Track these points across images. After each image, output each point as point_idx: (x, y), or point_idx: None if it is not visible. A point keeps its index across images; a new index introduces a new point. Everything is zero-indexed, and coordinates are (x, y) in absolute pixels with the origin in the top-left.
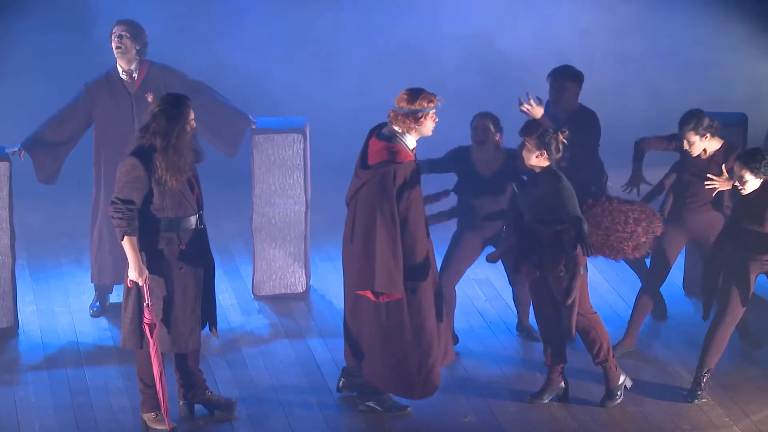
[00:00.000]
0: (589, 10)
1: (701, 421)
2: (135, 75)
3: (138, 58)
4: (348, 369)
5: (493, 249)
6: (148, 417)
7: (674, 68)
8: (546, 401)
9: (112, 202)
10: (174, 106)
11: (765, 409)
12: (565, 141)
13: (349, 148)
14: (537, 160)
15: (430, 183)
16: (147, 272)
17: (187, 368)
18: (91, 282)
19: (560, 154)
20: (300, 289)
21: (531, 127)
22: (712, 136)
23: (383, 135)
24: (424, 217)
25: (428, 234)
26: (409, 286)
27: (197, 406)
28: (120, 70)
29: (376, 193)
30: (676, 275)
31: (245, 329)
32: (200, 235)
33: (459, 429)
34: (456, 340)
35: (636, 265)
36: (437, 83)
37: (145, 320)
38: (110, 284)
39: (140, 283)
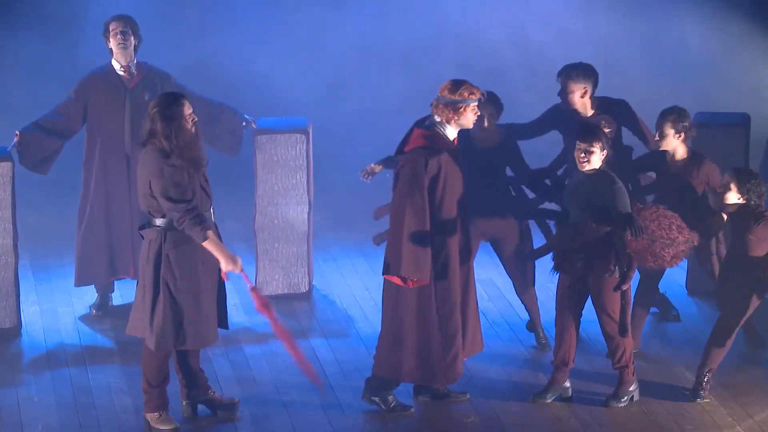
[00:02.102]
0: (584, 8)
1: (704, 421)
2: (134, 71)
3: (135, 53)
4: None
5: (489, 244)
6: (151, 417)
7: (673, 68)
8: (549, 401)
9: (175, 209)
10: (168, 106)
11: None
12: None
13: (351, 148)
14: (601, 161)
15: None
16: (239, 259)
17: (188, 367)
18: (75, 286)
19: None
20: (303, 289)
21: (594, 131)
22: (685, 138)
23: (424, 125)
24: (460, 206)
25: (463, 221)
26: (439, 272)
27: (200, 407)
28: (117, 66)
29: (407, 178)
30: (679, 275)
31: (248, 329)
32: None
33: (462, 429)
34: None
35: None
36: (437, 82)
37: (260, 303)
38: (96, 283)
39: (237, 271)
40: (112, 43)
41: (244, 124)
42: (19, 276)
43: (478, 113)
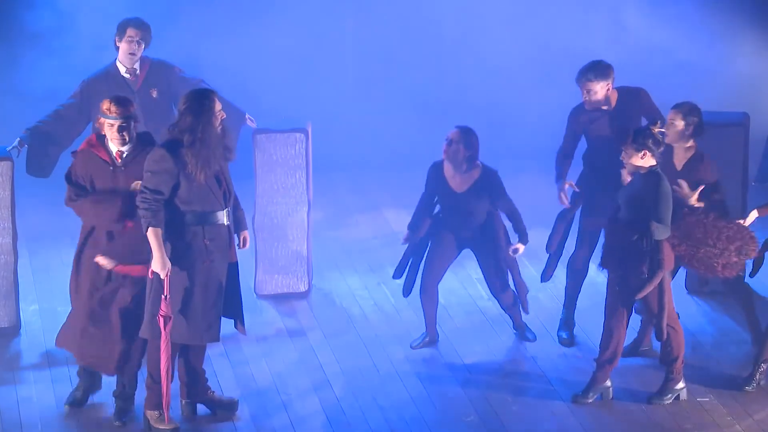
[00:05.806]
0: (582, 7)
1: (704, 420)
2: (138, 72)
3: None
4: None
5: (471, 250)
6: (151, 415)
7: (672, 67)
8: (590, 400)
9: (141, 192)
10: (198, 101)
11: (767, 408)
12: (662, 131)
13: (351, 147)
14: (643, 161)
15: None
16: (169, 264)
17: (190, 367)
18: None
19: (662, 147)
20: (302, 288)
21: (626, 137)
22: (690, 136)
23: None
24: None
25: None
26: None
27: (199, 406)
28: (123, 69)
29: None
30: (678, 275)
31: (248, 329)
32: (226, 231)
33: (461, 428)
34: (436, 337)
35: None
36: (439, 81)
37: (161, 312)
38: None
39: (162, 276)
40: (123, 47)
41: (248, 120)
42: (19, 275)
43: (113, 130)
